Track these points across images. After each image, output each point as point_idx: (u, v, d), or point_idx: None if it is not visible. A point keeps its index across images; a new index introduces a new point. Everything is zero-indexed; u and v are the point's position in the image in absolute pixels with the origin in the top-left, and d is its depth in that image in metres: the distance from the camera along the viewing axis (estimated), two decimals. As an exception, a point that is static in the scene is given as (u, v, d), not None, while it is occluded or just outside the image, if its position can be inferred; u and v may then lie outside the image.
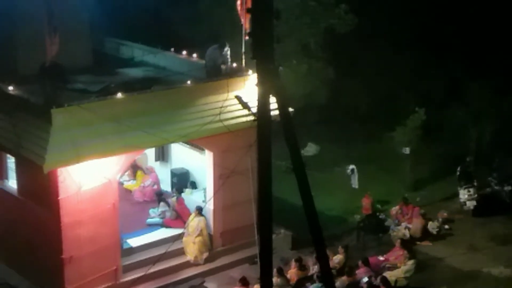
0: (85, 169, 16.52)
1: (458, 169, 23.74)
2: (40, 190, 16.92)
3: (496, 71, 25.79)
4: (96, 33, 21.95)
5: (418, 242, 21.10)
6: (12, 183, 18.60)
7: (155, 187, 21.57)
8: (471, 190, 22.94)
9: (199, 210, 19.12)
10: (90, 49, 21.45)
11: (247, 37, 17.47)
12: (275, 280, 16.42)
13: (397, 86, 27.95)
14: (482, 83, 25.21)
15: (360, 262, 18.21)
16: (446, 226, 22.13)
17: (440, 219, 22.19)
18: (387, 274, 17.98)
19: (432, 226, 21.75)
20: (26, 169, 17.20)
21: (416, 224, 21.35)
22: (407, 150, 24.62)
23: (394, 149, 25.25)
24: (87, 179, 16.74)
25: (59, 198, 16.45)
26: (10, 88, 17.56)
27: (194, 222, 18.93)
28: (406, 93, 27.68)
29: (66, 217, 16.62)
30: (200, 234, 18.97)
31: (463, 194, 23.01)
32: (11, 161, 18.49)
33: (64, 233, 16.67)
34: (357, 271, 17.97)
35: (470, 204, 22.81)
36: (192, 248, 19.00)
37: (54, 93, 16.98)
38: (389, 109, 27.45)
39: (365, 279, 17.28)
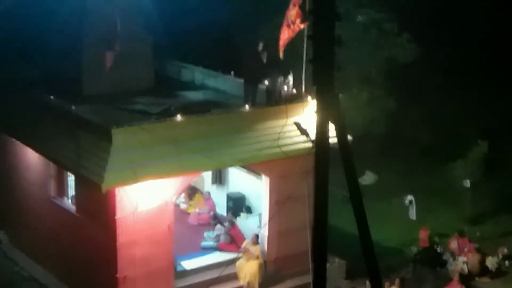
0: (142, 189, 16.65)
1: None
2: (98, 209, 17.10)
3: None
4: (159, 55, 22.22)
5: (476, 278, 20.62)
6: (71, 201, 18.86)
7: (211, 213, 21.59)
8: (533, 226, 22.37)
9: (257, 238, 19.06)
10: (153, 71, 21.72)
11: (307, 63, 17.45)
12: None
13: (460, 117, 27.53)
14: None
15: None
16: (506, 263, 21.59)
17: (500, 255, 21.65)
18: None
19: (492, 262, 21.23)
20: (85, 187, 17.41)
21: (472, 259, 20.87)
22: (467, 183, 24.13)
23: (454, 182, 24.79)
24: (144, 199, 16.84)
25: (116, 217, 16.60)
26: (73, 107, 17.87)
27: (252, 249, 18.90)
28: (469, 125, 27.22)
29: (122, 236, 16.74)
30: (256, 260, 18.90)
31: (525, 230, 22.47)
32: (71, 179, 18.77)
33: (120, 252, 16.78)
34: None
35: (532, 241, 22.24)
36: (246, 273, 18.91)
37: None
38: (450, 140, 27.01)
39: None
